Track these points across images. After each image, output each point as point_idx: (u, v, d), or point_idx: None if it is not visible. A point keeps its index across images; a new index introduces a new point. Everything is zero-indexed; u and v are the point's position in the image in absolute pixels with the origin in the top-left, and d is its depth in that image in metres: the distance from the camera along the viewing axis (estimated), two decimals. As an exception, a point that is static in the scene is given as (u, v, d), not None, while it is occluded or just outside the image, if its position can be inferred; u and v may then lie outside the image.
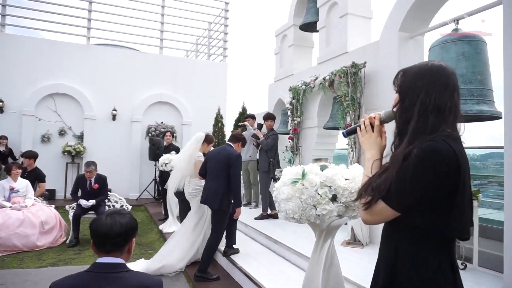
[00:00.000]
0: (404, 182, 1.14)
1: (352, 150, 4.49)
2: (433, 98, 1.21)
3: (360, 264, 3.63)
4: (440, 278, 1.17)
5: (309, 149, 5.95)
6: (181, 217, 5.44)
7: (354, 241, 4.38)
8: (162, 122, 10.64)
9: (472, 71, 3.36)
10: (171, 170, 6.32)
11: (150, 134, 10.32)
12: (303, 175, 1.85)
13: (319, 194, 1.80)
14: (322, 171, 1.87)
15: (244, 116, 7.08)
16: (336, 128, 5.38)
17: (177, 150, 7.12)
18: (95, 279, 1.51)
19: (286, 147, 6.24)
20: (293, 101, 6.11)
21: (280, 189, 1.95)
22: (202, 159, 4.51)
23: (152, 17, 11.16)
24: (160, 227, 6.42)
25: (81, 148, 9.36)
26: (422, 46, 4.34)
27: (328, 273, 1.97)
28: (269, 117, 6.24)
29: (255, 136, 6.29)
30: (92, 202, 5.54)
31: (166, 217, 6.83)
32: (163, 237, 5.95)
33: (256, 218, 5.74)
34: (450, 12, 4.12)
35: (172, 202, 6.33)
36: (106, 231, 1.58)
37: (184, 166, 4.65)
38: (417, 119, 1.21)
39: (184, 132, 10.90)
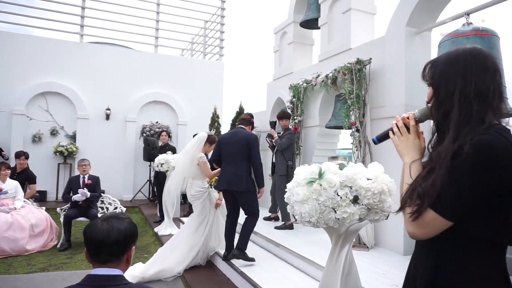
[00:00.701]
0: (459, 185, 0.96)
1: (357, 150, 4.33)
2: (473, 83, 1.05)
3: (367, 268, 3.46)
4: None
5: (310, 149, 5.79)
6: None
7: (359, 244, 4.22)
8: (157, 122, 10.43)
9: (485, 66, 3.21)
10: (167, 171, 6.16)
11: (144, 134, 10.10)
12: (320, 174, 1.68)
13: (338, 195, 1.62)
14: (340, 170, 1.70)
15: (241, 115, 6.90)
16: (339, 127, 5.21)
17: (173, 150, 6.90)
18: (88, 294, 1.32)
19: (286, 147, 6.07)
20: (294, 99, 5.94)
21: (293, 190, 1.77)
22: (205, 160, 4.38)
23: (147, 15, 10.96)
24: (156, 229, 6.21)
25: (73, 148, 9.11)
26: (429, 42, 4.20)
27: (345, 283, 1.79)
28: (283, 115, 5.58)
29: (269, 136, 5.74)
30: (87, 193, 5.30)
31: (161, 219, 6.63)
32: (159, 240, 5.74)
33: (277, 227, 5.16)
34: (460, 7, 3.98)
35: (168, 204, 6.13)
36: (101, 238, 1.40)
37: (186, 167, 4.46)
38: (458, 109, 1.05)
39: (179, 132, 10.68)
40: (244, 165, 3.98)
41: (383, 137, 1.31)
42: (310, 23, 6.26)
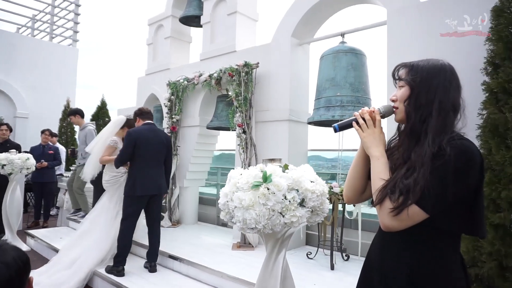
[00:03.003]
0: (444, 183, 1.05)
1: (243, 151, 4.40)
2: (451, 98, 1.19)
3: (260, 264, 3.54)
4: (464, 276, 1.17)
5: (188, 149, 5.59)
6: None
7: (244, 244, 4.30)
8: (-15, 113, 8.35)
9: (359, 81, 3.73)
10: (10, 174, 4.97)
11: (-34, 127, 7.91)
12: (267, 178, 1.60)
13: (286, 199, 1.58)
14: (283, 172, 1.66)
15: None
16: (221, 128, 5.23)
17: (17, 148, 5.60)
18: None
19: (163, 146, 5.71)
20: (172, 97, 5.64)
21: (233, 196, 1.64)
22: (114, 144, 3.95)
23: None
24: (-8, 248, 4.90)
25: None
26: (308, 54, 4.62)
27: (283, 287, 1.77)
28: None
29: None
30: None
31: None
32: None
33: None
34: (335, 27, 4.52)
35: (12, 214, 4.96)
36: None
37: (99, 151, 4.08)
38: (437, 117, 1.16)
39: (18, 126, 8.85)
40: (163, 167, 3.86)
41: (345, 126, 1.33)
42: (189, 20, 6.07)
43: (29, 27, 11.06)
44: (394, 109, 1.29)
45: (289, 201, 1.57)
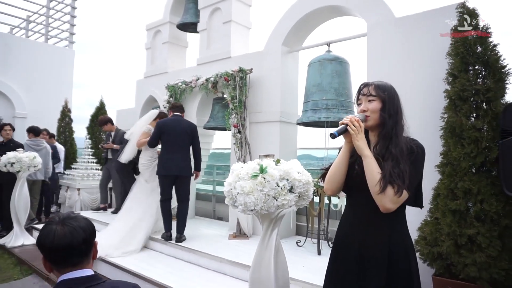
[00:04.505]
0: (418, 171, 1.49)
1: (238, 150, 4.79)
2: (402, 111, 1.61)
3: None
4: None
5: (186, 148, 5.96)
6: (121, 198, 5.62)
7: (240, 234, 4.70)
8: (-16, 113, 8.58)
9: (343, 86, 4.16)
10: (19, 171, 5.28)
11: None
12: (263, 169, 2.00)
13: (279, 186, 1.98)
14: (276, 165, 2.06)
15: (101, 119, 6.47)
16: (217, 128, 5.62)
17: (21, 147, 5.88)
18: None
19: (162, 145, 6.08)
20: (171, 99, 6.00)
21: (235, 184, 2.03)
22: (150, 131, 4.72)
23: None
24: (2, 241, 5.22)
25: None
26: (297, 61, 5.05)
27: (276, 258, 2.16)
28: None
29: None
30: None
31: (2, 230, 5.61)
32: (9, 253, 4.89)
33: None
34: (322, 37, 4.94)
35: (20, 209, 5.25)
36: (69, 241, 1.34)
37: (136, 137, 4.88)
38: (401, 123, 1.57)
39: (17, 126, 9.01)
40: (188, 152, 4.46)
41: (341, 133, 1.57)
42: (186, 26, 6.44)
43: (23, 28, 11.26)
44: (366, 117, 1.60)
45: (281, 188, 1.98)
